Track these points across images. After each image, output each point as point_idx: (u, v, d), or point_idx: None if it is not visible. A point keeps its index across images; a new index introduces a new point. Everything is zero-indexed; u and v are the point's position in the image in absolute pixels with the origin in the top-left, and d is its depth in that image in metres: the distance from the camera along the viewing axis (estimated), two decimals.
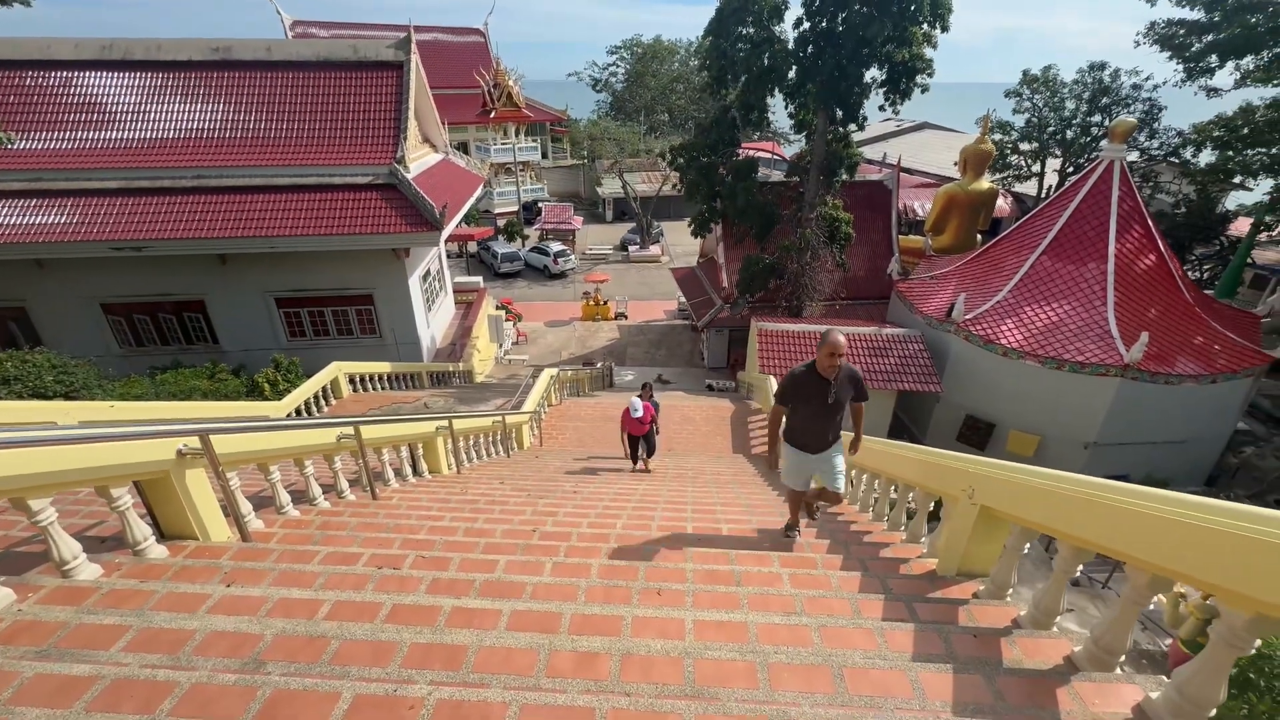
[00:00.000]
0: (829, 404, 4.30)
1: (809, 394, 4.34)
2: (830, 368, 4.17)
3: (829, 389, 4.27)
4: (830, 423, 4.44)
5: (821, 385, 4.28)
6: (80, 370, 12.33)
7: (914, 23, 16.66)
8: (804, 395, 4.37)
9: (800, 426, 4.56)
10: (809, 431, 4.52)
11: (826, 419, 4.41)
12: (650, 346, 27.15)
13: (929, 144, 47.37)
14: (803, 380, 4.35)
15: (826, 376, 4.24)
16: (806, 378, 4.33)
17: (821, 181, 20.40)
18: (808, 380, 4.33)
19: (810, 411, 4.41)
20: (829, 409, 4.34)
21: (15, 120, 15.16)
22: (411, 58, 17.41)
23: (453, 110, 33.55)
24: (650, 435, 9.45)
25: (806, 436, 4.55)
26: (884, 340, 17.77)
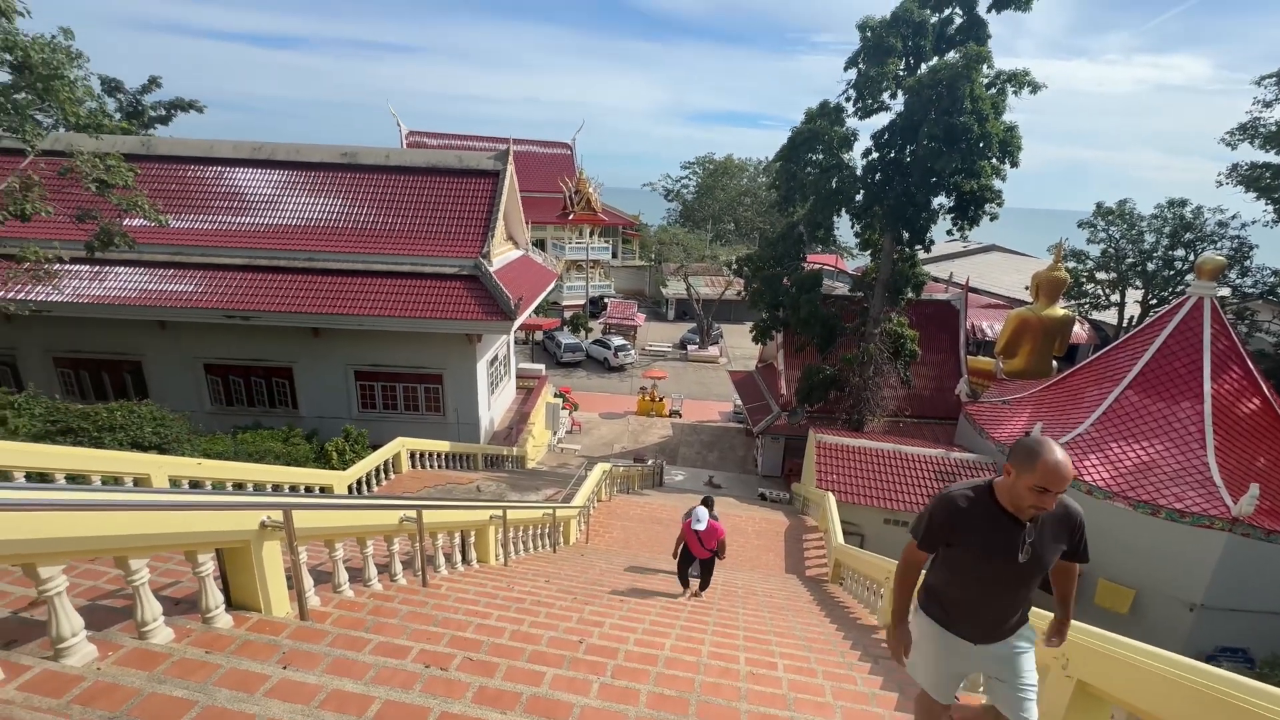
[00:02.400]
0: (1020, 564, 2.59)
1: (982, 541, 2.63)
2: (1034, 506, 2.49)
3: (1022, 536, 2.58)
4: (1016, 595, 2.72)
5: (1008, 529, 2.59)
6: (175, 424, 13.33)
7: (983, 157, 17.23)
8: (971, 542, 2.66)
9: (958, 596, 2.79)
10: (975, 606, 2.76)
11: (1010, 588, 2.69)
12: (703, 448, 26.76)
13: (997, 266, 47.16)
14: (971, 515, 2.65)
15: (1019, 515, 2.57)
16: (979, 512, 2.65)
17: (886, 298, 20.50)
18: (981, 517, 2.64)
19: (981, 571, 2.68)
20: (1018, 573, 2.62)
21: (172, 205, 17.66)
22: (507, 168, 19.37)
23: (536, 211, 36.60)
24: (709, 564, 8.12)
25: (968, 613, 2.79)
26: (952, 465, 16.85)
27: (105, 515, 2.86)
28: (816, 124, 19.10)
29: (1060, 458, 2.40)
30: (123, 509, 2.94)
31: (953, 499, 2.71)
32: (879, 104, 18.37)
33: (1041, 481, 2.41)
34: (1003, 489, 2.60)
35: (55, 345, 17.47)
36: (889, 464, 16.93)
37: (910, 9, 17.50)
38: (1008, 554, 2.59)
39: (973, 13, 17.86)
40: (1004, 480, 2.60)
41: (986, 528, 2.62)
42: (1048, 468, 2.39)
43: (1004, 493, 2.60)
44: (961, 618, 2.81)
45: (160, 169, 18.44)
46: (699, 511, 7.88)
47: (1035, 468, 2.41)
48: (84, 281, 15.98)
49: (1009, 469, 2.55)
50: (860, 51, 18.15)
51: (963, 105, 16.30)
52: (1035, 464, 2.41)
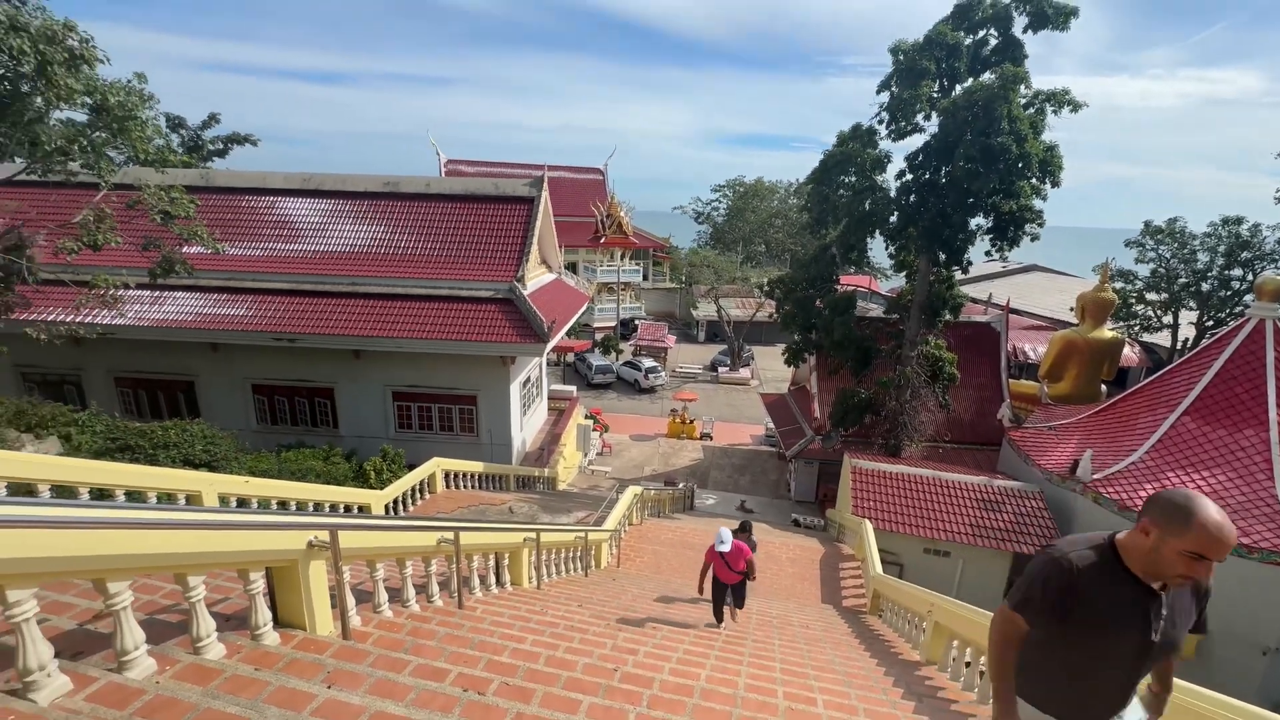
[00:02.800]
0: (1150, 643, 2.16)
1: (1106, 614, 2.14)
2: (1182, 576, 2.07)
3: (1156, 610, 2.15)
4: (1137, 678, 2.28)
5: (1139, 600, 2.14)
6: (224, 442, 13.86)
7: (1022, 177, 16.91)
8: (1092, 615, 2.15)
9: (1068, 679, 2.29)
10: (1089, 692, 2.28)
11: (1133, 671, 2.24)
12: (734, 471, 26.42)
13: (1038, 286, 45.80)
14: (1093, 582, 2.15)
15: (1152, 582, 2.14)
16: (1102, 578, 2.15)
17: (923, 320, 20.08)
18: (1105, 584, 2.15)
19: (1101, 651, 2.19)
20: (1145, 653, 2.18)
21: (227, 233, 18.61)
22: (542, 194, 19.85)
23: (568, 234, 37.27)
24: (741, 588, 7.69)
25: (1079, 701, 2.31)
26: (996, 493, 16.23)
27: (170, 534, 3.00)
28: (848, 146, 19.07)
29: (1221, 518, 1.96)
30: (185, 528, 3.07)
31: (1068, 562, 2.17)
32: (913, 126, 18.26)
33: (1198, 547, 1.94)
34: (1135, 551, 2.12)
35: (117, 366, 18.44)
36: (928, 491, 16.41)
37: (944, 32, 17.46)
38: (1138, 631, 2.10)
39: (1008, 34, 17.70)
40: (1136, 540, 2.11)
41: (1111, 598, 2.11)
42: (1208, 531, 1.92)
43: (1136, 555, 2.11)
44: (1070, 706, 2.28)
45: (217, 199, 19.50)
46: (723, 533, 7.55)
47: (1190, 529, 1.94)
48: (145, 306, 16.89)
49: (1148, 527, 2.08)
50: (893, 75, 18.14)
51: (1000, 126, 16.07)
52: (1190, 525, 1.94)
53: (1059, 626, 2.23)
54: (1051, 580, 2.21)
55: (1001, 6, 17.34)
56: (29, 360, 17.46)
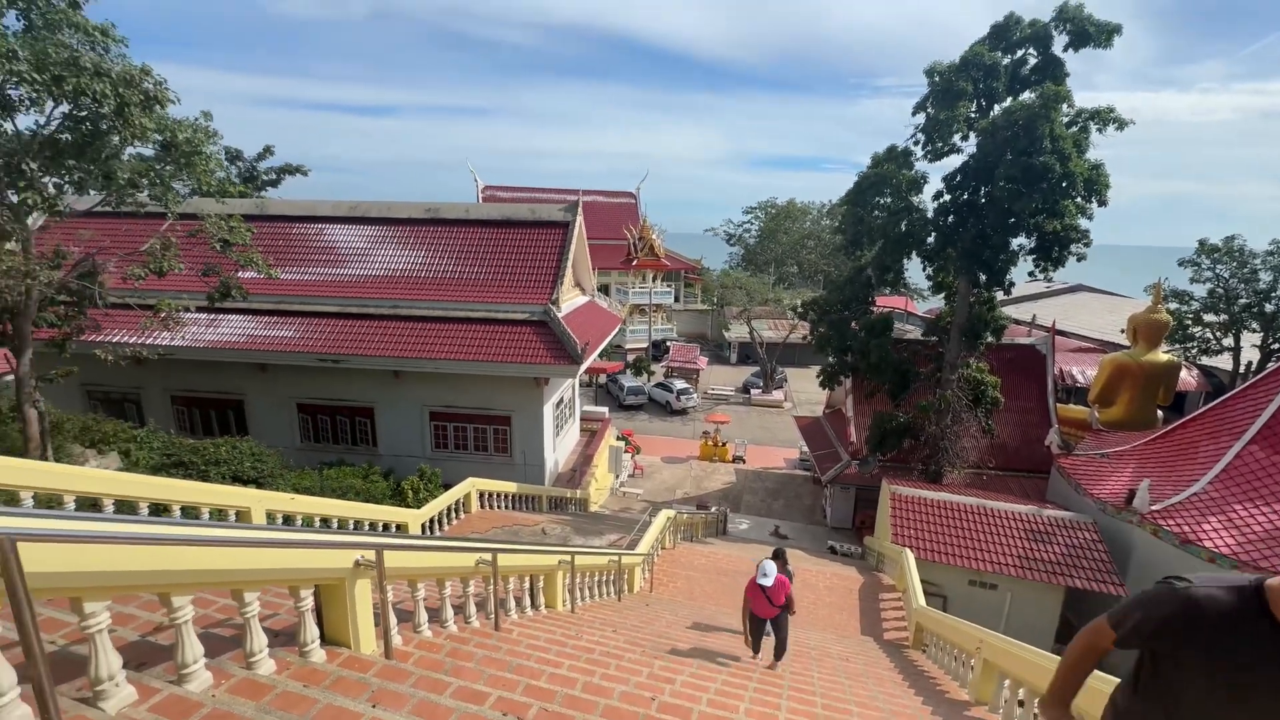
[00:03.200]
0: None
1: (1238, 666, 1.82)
2: None
3: None
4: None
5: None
6: (270, 459, 14.36)
7: (1066, 196, 16.47)
8: (1218, 660, 1.84)
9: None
10: None
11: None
12: (768, 495, 25.96)
13: (1085, 306, 44.16)
14: (1225, 626, 1.83)
15: None
16: (1239, 625, 1.82)
17: (964, 343, 19.56)
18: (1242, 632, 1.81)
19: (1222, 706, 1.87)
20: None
21: (278, 258, 19.48)
22: (576, 219, 20.24)
23: (601, 257, 37.78)
24: (782, 621, 7.29)
25: None
26: (1045, 523, 15.51)
27: (232, 551, 3.13)
28: (883, 168, 18.94)
29: None
30: (245, 545, 3.20)
31: (1195, 599, 1.86)
32: (950, 146, 18.05)
33: None
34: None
35: (173, 385, 19.37)
36: (973, 520, 15.79)
37: (980, 52, 17.31)
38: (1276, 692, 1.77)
39: (1048, 52, 17.45)
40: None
41: (1248, 649, 1.78)
42: None
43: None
44: None
45: (270, 227, 20.47)
46: (766, 565, 7.29)
47: None
48: (201, 328, 17.75)
49: None
50: (929, 96, 18.02)
51: (1042, 145, 15.74)
52: None
53: (1167, 666, 1.96)
54: (1169, 611, 1.91)
55: (1040, 26, 17.12)
56: (94, 379, 18.47)
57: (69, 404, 18.37)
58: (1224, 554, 12.95)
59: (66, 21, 9.34)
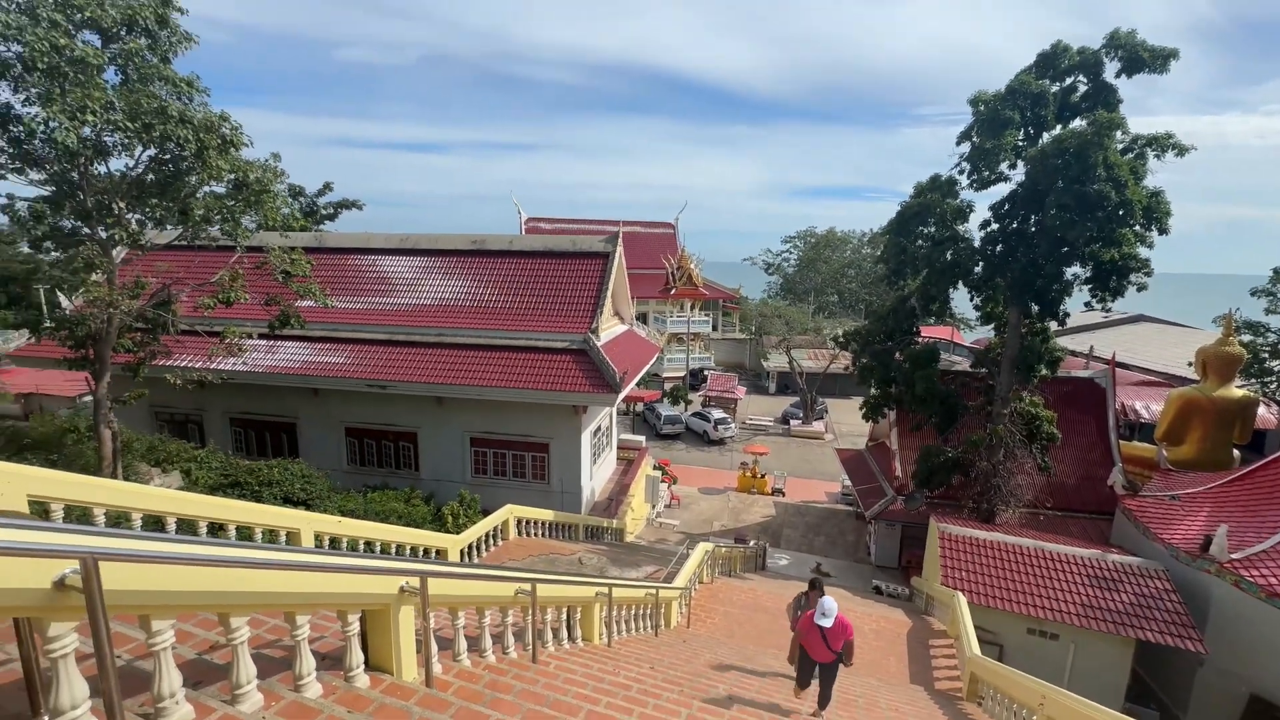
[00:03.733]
0: None
1: None
2: None
3: None
4: None
5: None
6: (319, 481, 14.84)
7: (1124, 224, 15.83)
8: None
9: None
10: None
11: None
12: (808, 530, 25.19)
13: (1146, 337, 41.88)
14: None
15: None
16: None
17: (1015, 375, 18.79)
18: None
19: None
20: None
21: (333, 288, 20.45)
22: (617, 250, 20.60)
23: (640, 286, 38.19)
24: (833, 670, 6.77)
25: None
26: (1112, 570, 14.51)
27: (287, 574, 3.23)
28: (926, 197, 18.65)
29: None
30: (301, 569, 3.30)
31: None
32: (996, 175, 17.68)
33: None
34: None
35: (232, 407, 20.34)
36: (1031, 563, 14.90)
37: (1027, 81, 17.03)
38: None
39: (1099, 79, 17.04)
40: None
41: None
42: None
43: None
44: None
45: (326, 258, 21.55)
46: (827, 604, 6.63)
47: None
48: (260, 354, 18.67)
49: None
50: (973, 125, 17.77)
51: (1096, 173, 15.23)
52: None
53: None
54: None
55: (1090, 54, 16.77)
56: (162, 401, 19.57)
57: (138, 424, 19.50)
58: None
59: (158, 75, 10.24)
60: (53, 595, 2.24)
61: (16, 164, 10.45)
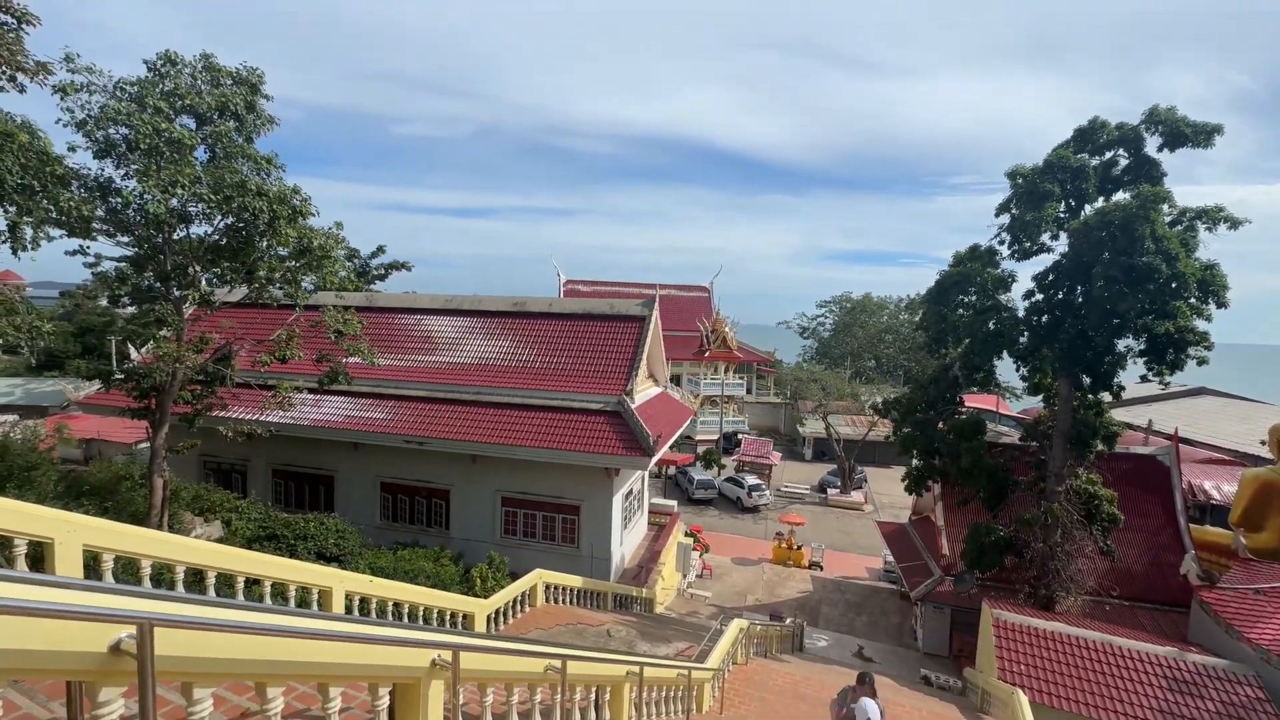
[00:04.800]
0: None
1: None
2: None
3: None
4: None
5: None
6: (352, 537, 14.91)
7: (1177, 297, 15.34)
8: None
9: None
10: None
11: None
12: (848, 609, 23.76)
13: (1211, 412, 39.45)
14: None
15: None
16: None
17: (1069, 450, 17.86)
18: None
19: None
20: None
21: (379, 345, 21.27)
22: (653, 314, 20.95)
23: (674, 348, 38.45)
24: None
25: None
26: (1192, 671, 13.14)
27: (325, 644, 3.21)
28: (966, 267, 18.53)
29: None
30: (337, 640, 3.28)
31: None
32: (1038, 246, 17.51)
33: None
34: None
35: (275, 458, 20.90)
36: (1099, 660, 13.62)
37: (1064, 155, 17.11)
38: None
39: (1140, 153, 17.00)
40: None
41: None
42: None
43: None
44: None
45: (376, 316, 22.57)
46: (868, 706, 6.08)
47: None
48: (308, 408, 19.32)
49: None
50: (1012, 197, 17.81)
51: (1143, 245, 14.92)
52: None
53: None
54: None
55: (1129, 129, 16.83)
56: (210, 450, 20.26)
57: (186, 471, 20.19)
58: None
59: (242, 153, 11.27)
60: (108, 660, 2.28)
61: (109, 229, 11.49)
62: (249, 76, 11.83)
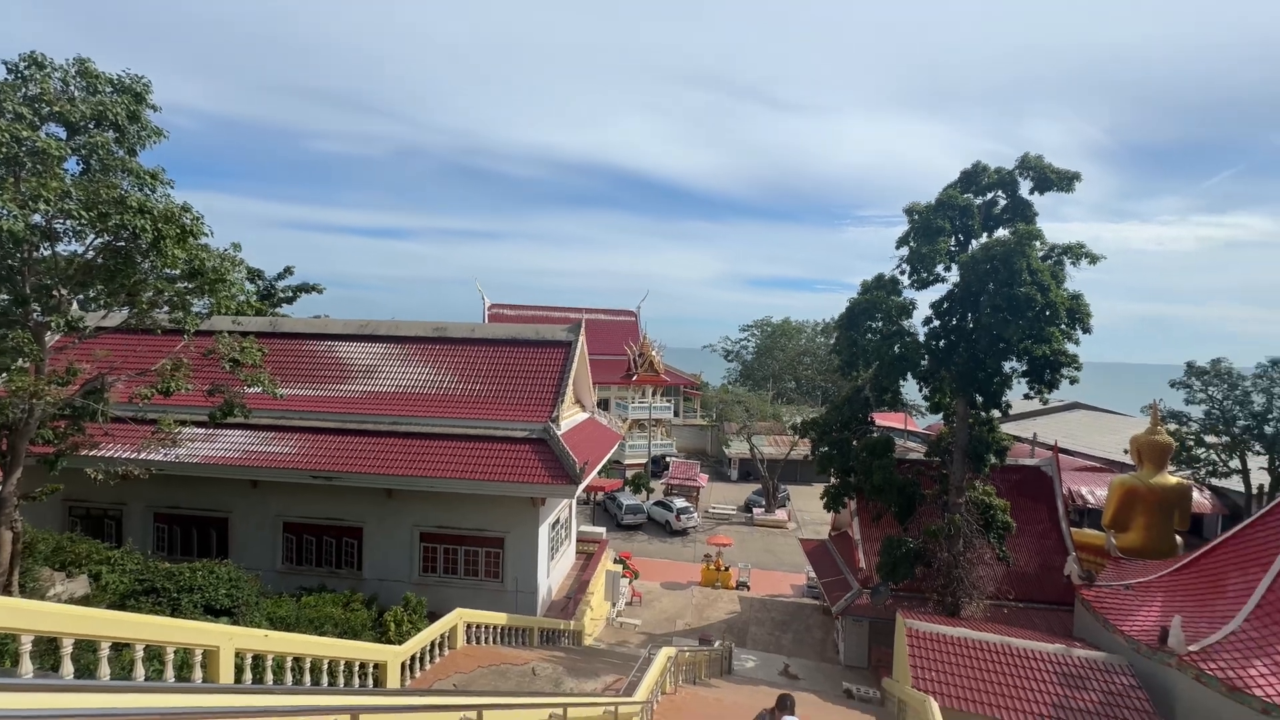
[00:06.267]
0: None
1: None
2: None
3: None
4: None
5: None
6: (247, 586, 13.54)
7: (1051, 324, 17.10)
8: None
9: None
10: None
11: None
12: (775, 627, 24.22)
13: (1084, 425, 44.14)
14: None
15: None
16: None
17: (967, 464, 19.30)
18: None
19: None
20: None
21: (285, 374, 19.78)
22: (579, 339, 20.85)
23: (601, 372, 38.41)
24: None
25: None
26: (1078, 665, 14.34)
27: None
28: (873, 294, 19.83)
29: None
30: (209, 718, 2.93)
31: None
32: (934, 276, 19.04)
33: None
34: None
35: (157, 501, 18.78)
36: (999, 661, 14.59)
37: (953, 195, 18.84)
38: None
39: (1016, 195, 19.00)
40: None
41: None
42: None
43: None
44: None
45: (281, 343, 21.00)
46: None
47: None
48: (197, 444, 17.57)
49: None
50: (910, 232, 19.33)
51: (1021, 277, 16.63)
52: None
53: None
54: None
55: (1006, 173, 18.80)
56: (78, 494, 17.91)
57: (47, 520, 17.72)
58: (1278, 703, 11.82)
59: (122, 167, 10.27)
60: None
61: None
62: (132, 84, 10.85)
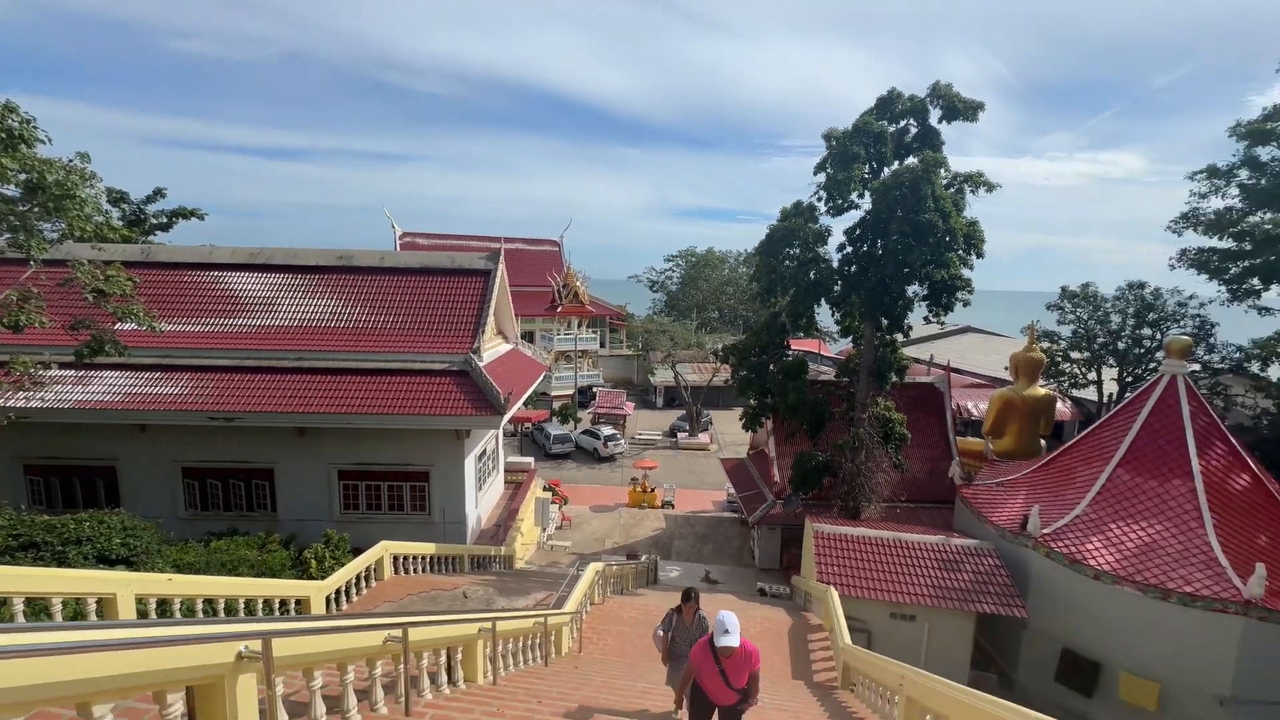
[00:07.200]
0: None
1: None
2: None
3: None
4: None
5: None
6: (145, 534, 12.69)
7: (950, 250, 18.25)
8: None
9: None
10: None
11: None
12: (697, 540, 25.91)
13: (974, 346, 48.52)
14: None
15: None
16: None
17: (872, 383, 20.82)
18: None
19: None
20: None
21: (167, 309, 17.87)
22: (498, 267, 20.08)
23: (525, 304, 37.52)
24: (740, 712, 5.47)
25: None
26: (954, 552, 16.41)
27: (69, 659, 2.66)
28: (791, 222, 20.26)
29: None
30: (87, 650, 2.74)
31: None
32: (849, 203, 19.64)
33: None
34: None
35: (27, 452, 16.94)
36: (890, 553, 16.46)
37: (869, 122, 19.19)
38: None
39: (926, 123, 19.61)
40: None
41: None
42: None
43: None
44: None
45: (158, 275, 18.85)
46: (726, 619, 5.00)
47: None
48: (67, 387, 15.79)
49: None
50: (827, 158, 19.65)
51: (926, 204, 17.49)
52: None
53: None
54: None
55: (918, 101, 19.27)
56: None
57: None
58: (1106, 570, 14.19)
59: None
60: None
61: None
62: None
